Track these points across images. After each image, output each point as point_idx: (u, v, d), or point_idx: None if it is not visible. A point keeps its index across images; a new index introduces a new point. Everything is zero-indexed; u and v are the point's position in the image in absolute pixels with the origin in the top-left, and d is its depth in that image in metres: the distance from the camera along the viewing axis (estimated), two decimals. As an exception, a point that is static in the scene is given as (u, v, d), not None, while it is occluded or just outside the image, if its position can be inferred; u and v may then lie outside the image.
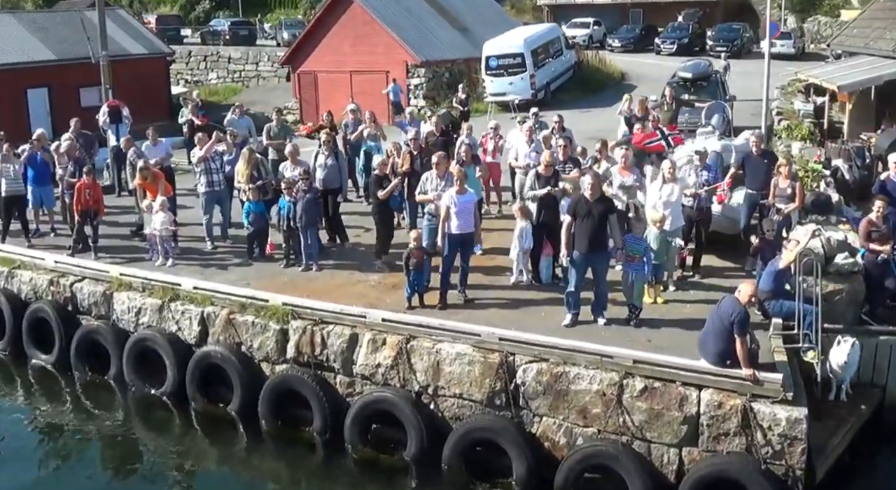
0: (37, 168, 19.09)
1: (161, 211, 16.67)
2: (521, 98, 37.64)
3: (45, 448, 14.88)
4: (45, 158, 19.24)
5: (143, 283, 15.77)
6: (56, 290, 16.72)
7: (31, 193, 19.18)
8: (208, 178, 17.68)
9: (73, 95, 42.01)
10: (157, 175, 17.57)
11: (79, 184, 17.28)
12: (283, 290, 15.13)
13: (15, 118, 38.71)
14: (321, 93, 44.73)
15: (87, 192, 17.12)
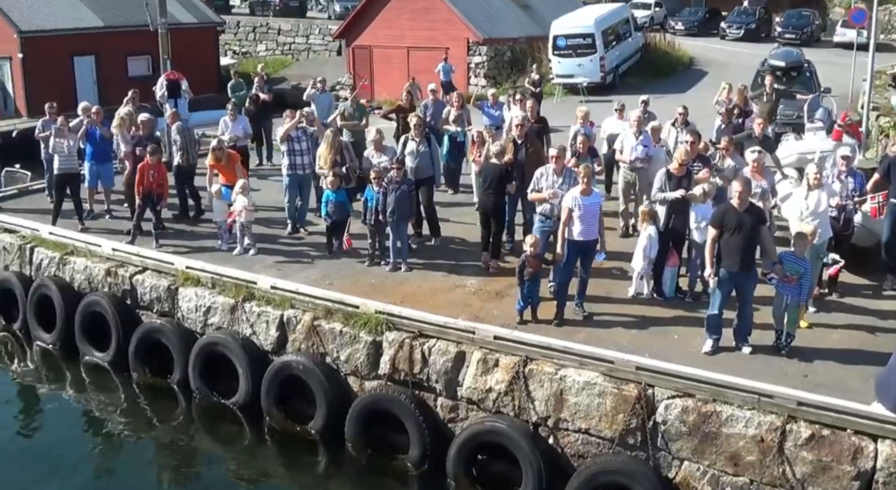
0: (95, 144, 17.41)
1: (242, 194, 14.92)
2: (590, 81, 35.72)
3: (95, 454, 13.39)
4: (104, 134, 17.50)
5: (214, 279, 14.05)
6: (113, 281, 15.03)
7: (88, 171, 17.51)
8: (291, 160, 15.95)
9: (120, 64, 40.57)
10: (231, 156, 15.84)
11: (142, 164, 15.53)
12: (371, 293, 13.38)
13: (61, 87, 37.23)
14: (376, 68, 42.99)
15: (151, 174, 15.38)
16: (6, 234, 17.21)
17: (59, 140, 16.66)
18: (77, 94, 38.32)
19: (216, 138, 16.68)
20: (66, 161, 16.75)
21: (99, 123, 17.43)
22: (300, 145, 15.91)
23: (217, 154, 15.50)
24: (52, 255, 16.07)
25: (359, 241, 15.30)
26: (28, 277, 16.35)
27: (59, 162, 16.72)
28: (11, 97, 38.88)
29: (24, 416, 14.75)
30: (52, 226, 16.69)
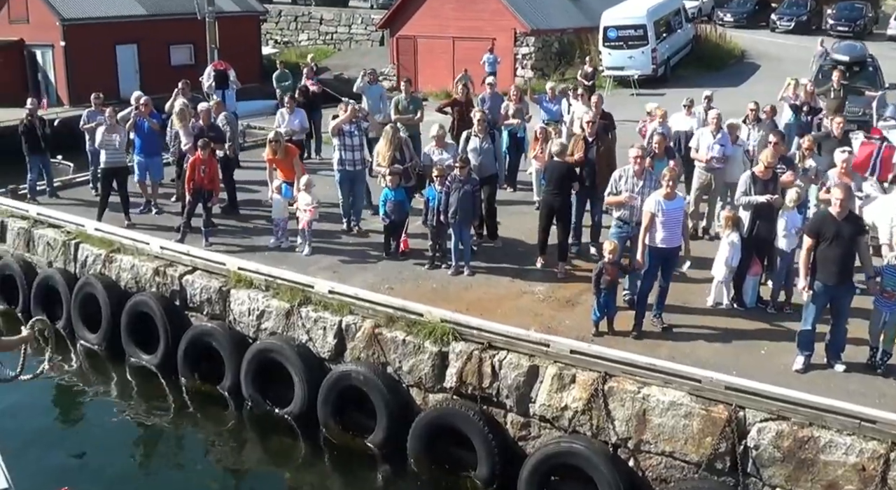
0: (144, 136, 16.79)
1: (306, 191, 14.24)
2: (641, 73, 34.75)
3: (140, 461, 12.88)
4: (153, 126, 16.86)
5: (267, 281, 13.35)
6: (162, 281, 14.40)
7: (137, 165, 16.89)
8: (341, 155, 15.22)
9: (162, 53, 40.10)
10: (289, 149, 15.15)
11: (192, 159, 14.88)
12: (434, 299, 12.66)
13: (103, 76, 36.83)
14: (420, 59, 42.20)
15: (202, 169, 14.71)
16: (50, 230, 16.65)
17: (110, 136, 16.06)
18: (119, 83, 38.04)
19: (273, 130, 15.93)
20: (114, 154, 16.17)
21: (147, 116, 16.79)
22: (352, 140, 15.19)
23: (274, 146, 14.82)
24: (97, 252, 15.46)
25: (417, 240, 14.55)
26: (72, 275, 15.78)
27: (106, 155, 16.12)
28: (53, 85, 38.50)
29: (68, 418, 14.22)
30: (98, 221, 16.05)
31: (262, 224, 16.16)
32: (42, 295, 16.13)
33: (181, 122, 16.26)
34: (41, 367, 9.32)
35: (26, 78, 39.25)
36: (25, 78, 39.22)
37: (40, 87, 39.01)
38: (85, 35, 37.51)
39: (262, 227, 15.98)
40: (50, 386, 14.66)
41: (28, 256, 16.83)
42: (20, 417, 13.22)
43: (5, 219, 17.60)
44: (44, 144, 18.33)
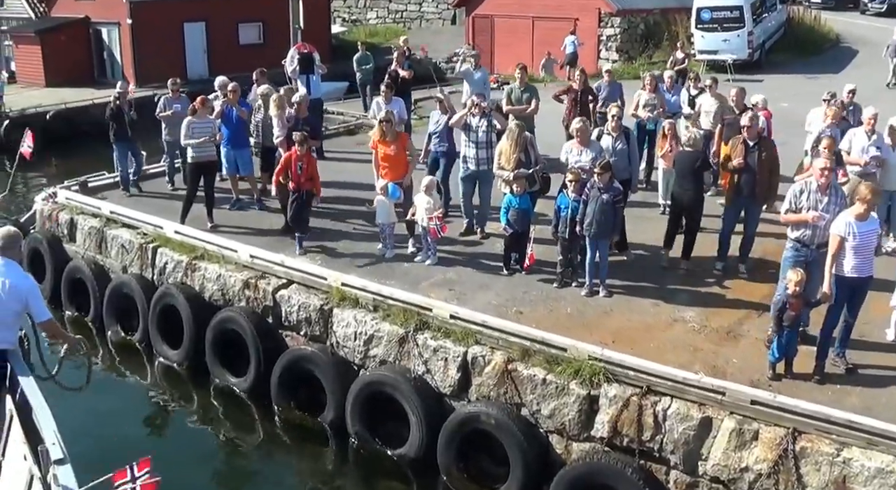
0: (232, 126, 15.13)
1: (426, 193, 12.50)
2: (737, 58, 32.50)
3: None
4: (242, 115, 15.19)
5: (376, 301, 11.60)
6: (253, 295, 12.75)
7: (225, 157, 15.28)
8: (465, 152, 13.53)
9: (231, 31, 38.60)
10: (401, 136, 13.35)
11: (287, 154, 13.20)
12: (571, 327, 10.89)
13: (170, 55, 35.46)
14: (497, 39, 40.33)
15: (300, 166, 12.99)
16: (125, 230, 15.10)
17: (196, 123, 14.43)
18: (187, 63, 36.66)
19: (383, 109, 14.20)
20: (202, 147, 14.53)
21: (235, 103, 15.10)
22: (479, 135, 13.39)
23: (384, 128, 12.99)
24: (178, 258, 13.85)
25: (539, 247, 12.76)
26: (150, 282, 14.22)
27: (193, 148, 14.51)
28: (119, 65, 37.12)
29: (143, 438, 12.62)
30: (181, 223, 14.46)
31: (358, 226, 14.46)
32: (116, 303, 14.61)
33: (279, 110, 14.54)
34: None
35: (91, 57, 37.91)
36: (90, 57, 37.90)
37: (105, 67, 37.74)
38: (152, 12, 36.03)
39: (359, 230, 14.29)
40: (125, 401, 13.12)
41: (100, 259, 15.30)
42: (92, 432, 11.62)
43: (75, 216, 16.08)
44: (130, 132, 16.70)
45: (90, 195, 16.76)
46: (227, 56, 37.06)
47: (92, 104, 32.06)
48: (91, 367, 9.20)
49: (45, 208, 16.77)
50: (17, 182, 29.23)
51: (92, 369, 9.23)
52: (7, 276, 7.91)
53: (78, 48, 37.53)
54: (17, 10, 40.48)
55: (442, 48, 44.31)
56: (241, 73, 36.36)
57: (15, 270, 8.03)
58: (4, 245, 8.05)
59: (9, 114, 31.28)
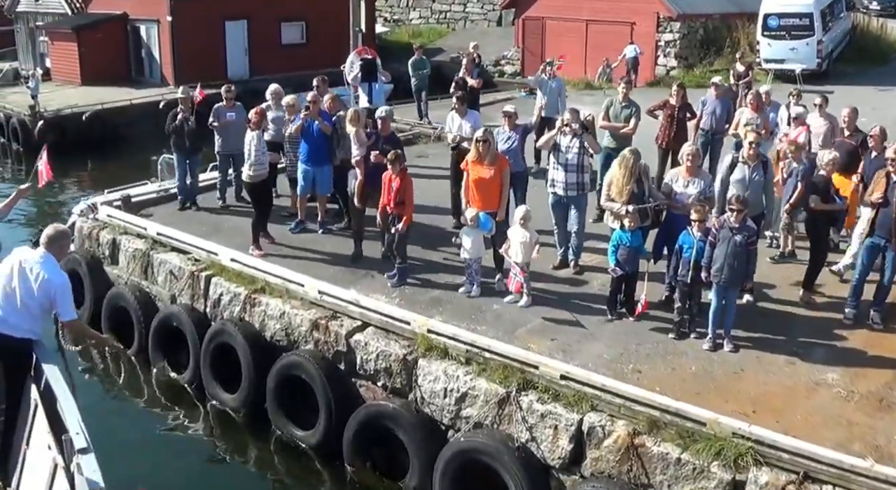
0: (312, 141, 13.68)
1: (522, 226, 10.93)
2: (805, 67, 30.75)
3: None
4: (324, 129, 13.65)
5: (470, 353, 10.02)
6: (323, 338, 11.22)
7: (303, 175, 13.74)
8: (553, 176, 11.93)
9: (273, 30, 37.30)
10: (501, 160, 11.71)
11: (385, 175, 11.65)
12: (700, 391, 9.36)
13: (211, 54, 34.17)
14: (548, 43, 38.72)
15: (392, 188, 11.46)
16: (174, 255, 13.62)
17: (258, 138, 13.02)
18: (227, 63, 35.32)
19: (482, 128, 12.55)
20: (263, 163, 13.10)
21: (317, 116, 13.55)
22: (570, 157, 11.82)
23: (481, 149, 11.37)
24: (236, 290, 12.34)
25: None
26: (203, 315, 12.73)
27: (256, 165, 13.05)
28: (158, 63, 35.80)
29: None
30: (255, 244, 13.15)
31: (436, 256, 12.94)
32: (162, 337, 13.14)
33: (355, 125, 13.02)
34: None
35: (129, 55, 36.60)
36: (128, 55, 36.59)
37: (143, 66, 36.43)
38: (193, 9, 34.67)
39: (437, 261, 12.80)
40: (171, 449, 11.77)
41: (146, 286, 13.82)
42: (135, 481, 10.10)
43: (118, 236, 14.62)
44: (188, 142, 15.23)
45: (134, 212, 15.27)
46: (268, 56, 35.82)
47: (130, 104, 30.81)
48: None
49: (85, 226, 15.29)
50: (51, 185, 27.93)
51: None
52: (43, 270, 8.05)
53: (115, 46, 36.30)
54: (53, 6, 39.23)
55: (487, 51, 42.75)
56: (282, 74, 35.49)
57: (51, 266, 8.15)
58: (50, 240, 8.22)
59: (43, 114, 29.97)
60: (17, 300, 8.07)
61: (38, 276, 8.03)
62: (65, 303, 8.21)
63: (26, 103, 30.83)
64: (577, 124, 11.82)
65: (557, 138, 11.92)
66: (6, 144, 31.71)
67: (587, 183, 11.90)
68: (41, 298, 8.07)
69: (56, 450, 6.94)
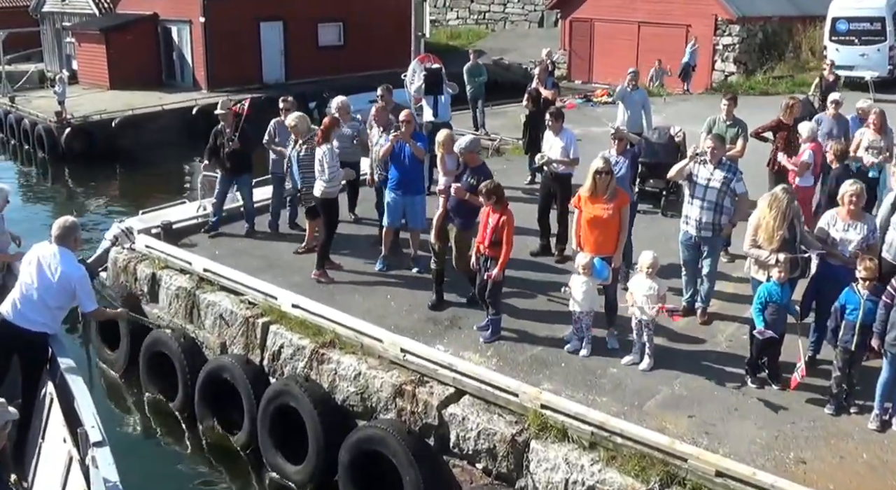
0: (403, 168, 11.96)
1: (647, 275, 9.18)
2: (876, 74, 28.85)
3: None
4: (417, 154, 11.87)
5: (596, 435, 8.23)
6: (409, 408, 9.46)
7: (391, 206, 11.97)
8: (686, 210, 10.15)
9: (310, 32, 35.78)
10: (621, 196, 9.89)
11: (485, 210, 9.88)
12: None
13: (245, 57, 32.55)
14: (597, 45, 37.01)
15: (490, 224, 9.68)
16: (224, 296, 11.87)
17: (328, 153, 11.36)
18: (262, 66, 33.65)
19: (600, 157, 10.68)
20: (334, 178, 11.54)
21: (408, 138, 11.74)
22: (706, 191, 10.00)
23: (599, 182, 9.60)
24: (299, 342, 10.57)
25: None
26: (260, 370, 10.98)
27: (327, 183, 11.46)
28: (190, 66, 34.20)
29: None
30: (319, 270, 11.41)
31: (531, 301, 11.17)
32: (211, 392, 11.41)
33: (445, 150, 11.26)
34: None
35: (159, 58, 35.00)
36: (159, 58, 35.00)
37: (174, 69, 34.85)
38: (227, 10, 33.08)
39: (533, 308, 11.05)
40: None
41: (191, 330, 12.10)
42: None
43: (158, 271, 12.91)
44: (229, 163, 13.50)
45: (175, 241, 13.56)
46: (304, 59, 34.28)
47: (162, 110, 29.15)
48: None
49: (120, 257, 13.58)
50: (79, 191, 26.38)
51: None
52: (60, 265, 8.29)
53: (145, 48, 34.75)
54: (80, 6, 37.70)
55: (529, 53, 41.05)
56: (319, 78, 33.89)
57: (67, 259, 8.39)
58: (60, 234, 8.47)
59: (71, 121, 28.35)
60: (34, 295, 8.31)
61: (55, 271, 8.27)
62: (85, 294, 8.51)
63: (52, 109, 29.30)
64: (716, 151, 10.00)
65: (692, 167, 10.11)
66: (31, 152, 30.12)
67: (724, 223, 10.07)
68: (60, 293, 8.33)
69: (71, 443, 7.01)
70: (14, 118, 30.99)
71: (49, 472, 7.47)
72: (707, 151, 10.08)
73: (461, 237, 10.59)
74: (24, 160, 30.55)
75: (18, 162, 30.76)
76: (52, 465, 7.40)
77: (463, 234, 10.54)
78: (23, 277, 8.50)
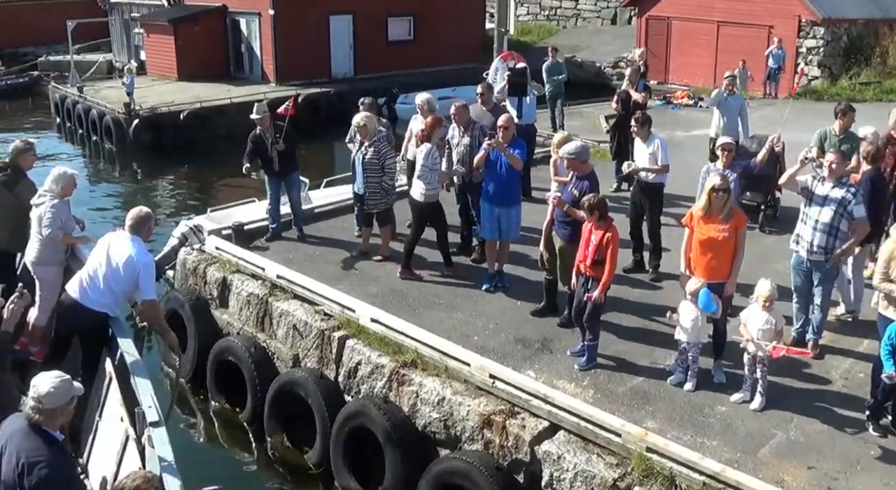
0: (499, 178, 11.06)
1: (765, 308, 8.36)
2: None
3: None
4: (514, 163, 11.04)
5: (708, 487, 7.41)
6: (498, 441, 8.76)
7: (486, 217, 11.28)
8: (799, 229, 9.24)
9: (379, 26, 35.05)
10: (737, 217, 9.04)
11: (587, 226, 9.14)
12: None
13: (314, 51, 32.04)
14: (673, 44, 35.91)
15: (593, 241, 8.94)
16: (298, 305, 11.27)
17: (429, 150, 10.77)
18: (331, 61, 33.11)
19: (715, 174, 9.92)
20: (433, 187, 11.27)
21: (503, 147, 10.94)
22: (822, 211, 9.13)
23: (717, 199, 8.79)
24: (378, 360, 9.90)
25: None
26: (334, 387, 10.37)
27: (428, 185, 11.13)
28: (258, 59, 33.76)
29: None
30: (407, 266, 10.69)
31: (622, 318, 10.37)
32: (282, 406, 10.81)
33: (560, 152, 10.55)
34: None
35: (227, 50, 34.62)
36: (227, 50, 34.61)
37: (242, 61, 34.44)
38: (296, 3, 32.68)
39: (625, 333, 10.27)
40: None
41: (262, 340, 11.50)
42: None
43: (228, 275, 12.34)
44: (277, 166, 12.89)
45: (247, 244, 12.98)
46: (373, 53, 33.74)
47: (230, 103, 28.73)
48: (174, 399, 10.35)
49: (190, 258, 13.04)
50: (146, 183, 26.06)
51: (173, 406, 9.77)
52: (129, 251, 8.55)
53: (214, 40, 34.37)
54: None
55: (601, 51, 40.21)
56: (388, 73, 33.30)
57: (137, 246, 8.64)
58: (134, 223, 8.75)
59: (139, 112, 28.01)
60: (99, 277, 8.60)
61: (124, 256, 8.53)
62: (147, 281, 8.65)
63: (120, 99, 29.01)
64: (836, 167, 9.11)
65: (809, 182, 9.25)
66: (99, 143, 29.87)
67: (837, 247, 9.20)
68: (125, 278, 8.56)
69: (128, 422, 7.10)
70: (82, 108, 30.74)
71: (105, 450, 7.53)
72: (826, 166, 9.18)
73: (566, 250, 9.82)
74: (91, 151, 30.33)
75: (87, 152, 30.54)
76: (109, 443, 7.48)
77: (568, 248, 9.76)
78: (91, 260, 8.85)
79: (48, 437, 5.65)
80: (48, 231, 9.81)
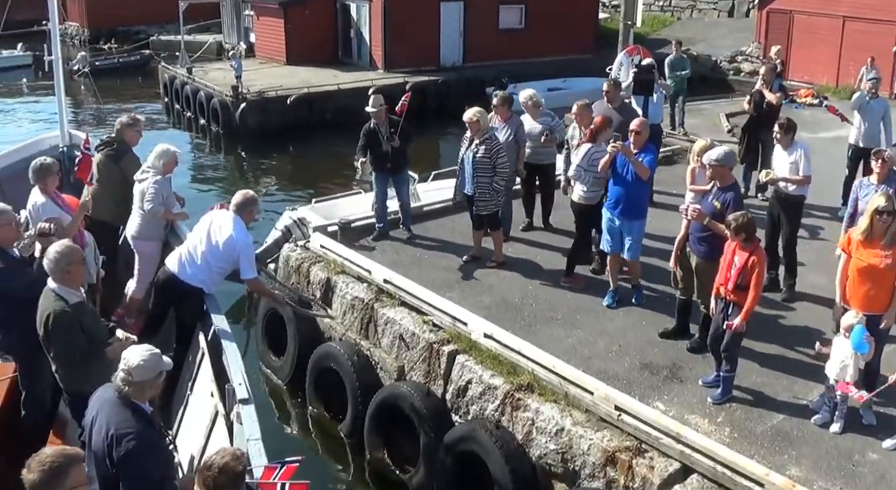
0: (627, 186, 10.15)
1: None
2: None
3: None
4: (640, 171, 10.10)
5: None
6: (623, 481, 7.99)
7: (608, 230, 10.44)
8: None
9: (491, 14, 34.35)
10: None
11: (729, 245, 8.30)
12: None
13: (424, 37, 31.45)
14: (795, 39, 34.18)
15: (737, 264, 8.09)
16: (405, 313, 10.63)
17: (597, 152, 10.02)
18: (441, 47, 32.53)
19: (881, 193, 8.95)
20: (595, 189, 10.55)
21: (630, 154, 10.04)
22: None
23: (878, 221, 7.84)
24: (491, 381, 9.19)
25: None
26: (442, 405, 9.72)
27: (589, 187, 10.48)
28: (367, 45, 33.31)
29: None
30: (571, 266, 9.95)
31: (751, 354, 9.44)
32: (383, 421, 10.18)
33: (700, 160, 9.68)
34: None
35: (336, 35, 34.26)
36: (336, 35, 34.25)
37: (351, 47, 34.02)
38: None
39: (766, 350, 9.33)
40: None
41: (366, 348, 10.88)
42: None
43: (332, 276, 11.74)
44: (390, 163, 12.25)
45: (352, 242, 12.38)
46: (483, 41, 33.01)
47: (338, 89, 28.31)
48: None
49: (293, 255, 12.51)
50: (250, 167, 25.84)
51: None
52: (230, 230, 8.81)
53: (323, 24, 34.05)
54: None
55: (718, 44, 38.70)
56: (498, 61, 32.51)
57: (238, 226, 8.87)
58: (239, 204, 9.00)
59: (246, 96, 27.78)
60: (198, 253, 8.88)
61: (225, 235, 8.79)
62: (247, 261, 8.95)
63: (228, 82, 28.84)
64: None
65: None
66: (206, 125, 29.76)
67: None
68: (224, 256, 8.84)
69: (218, 398, 7.21)
70: (190, 90, 30.68)
71: (194, 425, 7.67)
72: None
73: (705, 268, 8.93)
74: (198, 132, 30.26)
75: (193, 134, 30.49)
76: (198, 418, 7.60)
77: (706, 265, 8.87)
78: (193, 236, 9.16)
79: (137, 409, 5.62)
80: (149, 206, 10.04)
